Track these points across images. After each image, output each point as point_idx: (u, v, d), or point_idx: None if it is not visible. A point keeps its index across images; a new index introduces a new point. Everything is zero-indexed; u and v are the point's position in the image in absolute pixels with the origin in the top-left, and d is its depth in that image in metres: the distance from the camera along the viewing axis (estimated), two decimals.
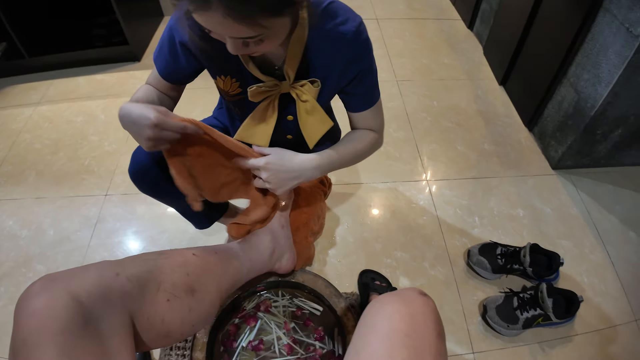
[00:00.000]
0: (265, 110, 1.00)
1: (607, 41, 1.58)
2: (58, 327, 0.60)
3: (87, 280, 0.68)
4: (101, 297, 0.68)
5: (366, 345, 0.71)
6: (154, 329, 0.78)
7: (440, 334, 0.73)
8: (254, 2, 0.65)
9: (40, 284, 0.65)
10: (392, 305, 0.74)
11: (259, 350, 1.14)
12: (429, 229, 1.72)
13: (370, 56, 1.00)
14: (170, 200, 1.25)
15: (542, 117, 2.05)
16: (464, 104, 2.29)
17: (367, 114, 1.11)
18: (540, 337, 1.45)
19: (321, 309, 1.22)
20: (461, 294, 1.54)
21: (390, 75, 2.46)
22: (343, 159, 1.09)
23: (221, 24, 0.68)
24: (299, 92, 0.96)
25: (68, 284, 0.66)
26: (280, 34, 0.78)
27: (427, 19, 2.95)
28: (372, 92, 1.08)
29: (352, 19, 0.93)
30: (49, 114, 2.16)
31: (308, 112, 1.00)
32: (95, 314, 0.65)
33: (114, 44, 2.43)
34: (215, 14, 0.65)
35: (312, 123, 1.03)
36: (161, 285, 0.81)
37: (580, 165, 1.96)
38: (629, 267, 1.64)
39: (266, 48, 0.78)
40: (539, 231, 1.73)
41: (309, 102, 0.98)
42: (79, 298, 0.64)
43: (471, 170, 1.96)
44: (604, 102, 1.63)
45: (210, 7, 0.65)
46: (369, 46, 0.97)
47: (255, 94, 0.94)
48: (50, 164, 1.93)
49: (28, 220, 1.72)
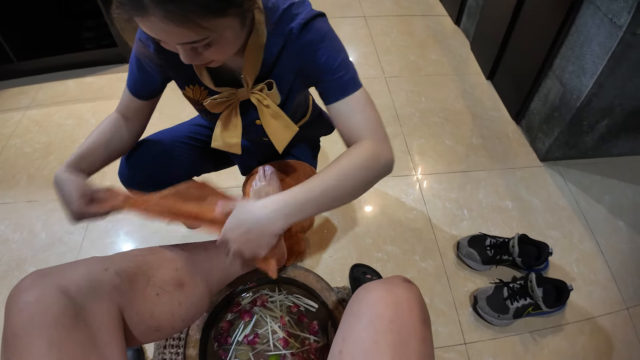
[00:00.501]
0: (229, 119, 0.98)
1: (591, 33, 1.59)
2: (48, 320, 0.61)
3: (76, 275, 0.69)
4: (90, 290, 0.69)
5: (352, 332, 0.72)
6: (144, 323, 0.79)
7: (425, 320, 0.74)
8: (189, 1, 0.63)
9: (30, 280, 0.66)
10: (377, 293, 0.75)
11: (255, 344, 1.15)
12: (418, 222, 1.73)
13: (326, 43, 0.87)
14: None
15: (529, 110, 2.07)
16: (452, 99, 2.31)
17: (346, 108, 0.89)
18: (531, 326, 1.46)
19: (316, 306, 1.23)
20: (452, 285, 1.56)
21: (379, 71, 2.47)
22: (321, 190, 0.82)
23: (163, 30, 0.66)
24: (260, 97, 0.93)
25: (57, 278, 0.67)
26: (230, 38, 0.75)
27: (415, 16, 2.97)
28: (343, 76, 0.88)
29: (304, 13, 0.86)
30: (38, 118, 2.16)
31: (272, 117, 0.97)
32: (85, 307, 0.66)
33: (102, 47, 2.42)
34: (153, 18, 0.64)
35: (277, 127, 0.98)
36: (150, 280, 0.81)
37: (568, 156, 1.98)
38: (618, 255, 1.66)
39: (219, 55, 0.76)
40: (528, 222, 1.75)
41: (271, 108, 0.95)
42: (68, 292, 0.66)
43: (460, 164, 1.97)
44: (589, 93, 1.64)
45: (147, 12, 0.63)
46: (322, 36, 0.86)
47: (214, 105, 0.93)
48: (41, 167, 1.93)
49: (20, 224, 1.72)
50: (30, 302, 0.62)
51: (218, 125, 1.00)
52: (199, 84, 0.95)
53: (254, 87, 0.92)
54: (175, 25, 0.64)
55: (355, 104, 0.89)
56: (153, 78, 0.99)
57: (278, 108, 0.96)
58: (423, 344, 0.70)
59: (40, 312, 0.61)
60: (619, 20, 1.44)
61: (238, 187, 1.81)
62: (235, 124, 0.99)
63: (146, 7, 0.62)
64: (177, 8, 0.63)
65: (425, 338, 0.72)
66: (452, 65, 2.54)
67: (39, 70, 2.40)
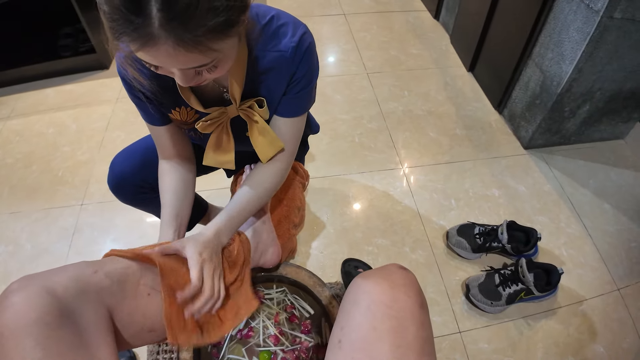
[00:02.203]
0: (220, 138, 0.97)
1: (568, 19, 1.61)
2: (32, 318, 0.60)
3: (64, 277, 0.68)
4: (78, 292, 0.68)
5: (350, 320, 0.72)
6: (136, 324, 0.77)
7: (422, 305, 0.74)
8: (202, 25, 0.61)
9: (18, 283, 0.66)
10: (373, 279, 0.75)
11: (249, 338, 1.14)
12: (407, 214, 1.74)
13: (309, 63, 0.92)
14: (151, 208, 1.24)
15: (510, 99, 2.08)
16: (434, 92, 2.32)
17: (288, 122, 0.99)
18: (525, 311, 1.47)
19: (312, 312, 1.21)
20: (443, 275, 1.56)
21: (360, 68, 2.48)
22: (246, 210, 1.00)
23: (171, 56, 0.63)
24: (249, 113, 0.93)
25: (45, 281, 0.66)
26: (231, 55, 0.74)
27: (393, 12, 2.98)
28: (305, 99, 0.98)
29: (292, 32, 0.87)
30: (19, 128, 2.13)
31: (260, 133, 0.96)
32: (72, 308, 0.66)
33: (81, 53, 2.40)
34: (164, 47, 0.61)
35: (263, 143, 0.98)
36: (141, 280, 0.80)
37: (551, 143, 2.00)
38: (606, 237, 1.68)
39: (219, 73, 0.74)
40: (515, 209, 1.76)
41: (259, 124, 0.94)
42: (55, 292, 0.65)
43: (444, 155, 1.98)
44: (569, 78, 1.66)
45: (157, 42, 0.60)
46: (310, 56, 0.91)
47: (205, 126, 0.92)
48: (24, 177, 1.90)
49: (4, 236, 1.69)
50: (16, 302, 0.61)
51: (210, 145, 0.99)
52: (185, 105, 0.93)
53: (242, 104, 0.92)
54: (186, 50, 0.62)
55: (296, 123, 1.01)
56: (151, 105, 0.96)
57: (265, 124, 0.95)
58: (422, 328, 0.70)
59: (25, 311, 0.60)
60: (596, 5, 1.46)
61: (225, 188, 1.80)
62: (228, 141, 0.98)
63: (156, 37, 0.60)
64: (191, 35, 0.61)
65: (424, 322, 0.71)
66: (432, 59, 2.56)
67: (18, 80, 2.37)
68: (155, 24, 0.58)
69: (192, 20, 0.60)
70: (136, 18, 0.58)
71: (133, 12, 0.57)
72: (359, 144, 2.02)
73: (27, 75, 2.37)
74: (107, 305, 0.73)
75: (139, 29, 0.59)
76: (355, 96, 2.29)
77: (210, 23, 0.62)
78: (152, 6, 0.57)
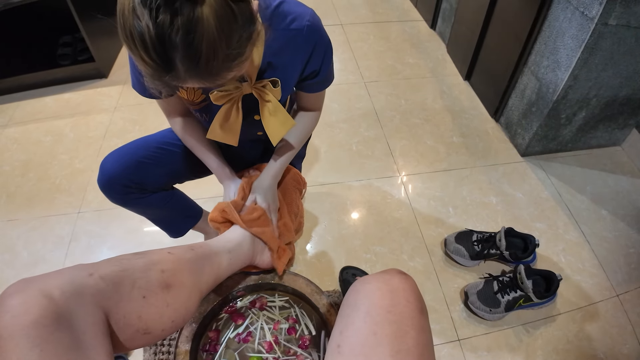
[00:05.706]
0: (229, 112, 1.00)
1: (563, 26, 1.62)
2: (29, 321, 0.60)
3: (60, 280, 0.69)
4: (74, 294, 0.68)
5: (349, 324, 0.71)
6: (131, 325, 0.77)
7: (422, 310, 0.73)
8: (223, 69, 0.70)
9: (15, 286, 0.66)
10: (373, 284, 0.74)
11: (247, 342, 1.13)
12: (405, 222, 1.74)
13: (327, 41, 1.00)
14: (141, 209, 1.24)
15: (507, 107, 2.09)
16: (431, 100, 2.33)
17: (319, 95, 1.15)
18: (524, 319, 1.47)
19: (314, 332, 1.20)
20: (441, 282, 1.56)
21: (358, 77, 2.49)
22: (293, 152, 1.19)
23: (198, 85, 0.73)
24: (262, 92, 0.97)
25: (41, 284, 0.66)
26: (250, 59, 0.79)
27: (390, 22, 3.00)
28: (331, 74, 1.10)
29: (303, 13, 0.94)
30: (16, 136, 2.13)
31: (271, 113, 1.01)
32: (68, 311, 0.66)
33: (80, 62, 2.41)
34: (190, 83, 0.71)
35: (275, 123, 1.04)
36: (136, 283, 0.80)
37: (548, 150, 2.01)
38: (604, 243, 1.68)
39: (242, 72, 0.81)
40: (513, 216, 1.76)
41: (272, 103, 0.99)
42: (52, 295, 0.65)
43: (442, 162, 1.99)
44: (565, 86, 1.67)
45: (185, 82, 0.70)
46: (324, 34, 0.99)
47: (218, 97, 0.94)
48: (21, 185, 1.89)
49: (1, 244, 1.68)
50: (13, 305, 0.61)
51: (217, 118, 1.02)
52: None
53: (257, 83, 0.96)
54: (210, 83, 0.73)
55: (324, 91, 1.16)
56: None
57: (278, 103, 1.00)
58: (422, 334, 0.70)
59: (22, 313, 0.60)
60: (590, 12, 1.47)
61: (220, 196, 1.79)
62: (236, 116, 1.01)
63: (184, 80, 0.69)
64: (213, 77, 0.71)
65: (424, 327, 0.71)
66: (429, 68, 2.57)
67: (16, 88, 2.38)
68: (182, 76, 0.69)
69: (213, 70, 0.70)
70: (166, 74, 0.68)
71: (164, 69, 0.67)
72: (357, 152, 2.03)
73: (26, 84, 2.38)
74: (103, 307, 0.72)
75: (170, 79, 0.70)
76: (353, 105, 2.30)
77: (229, 64, 0.71)
78: (179, 68, 0.67)
